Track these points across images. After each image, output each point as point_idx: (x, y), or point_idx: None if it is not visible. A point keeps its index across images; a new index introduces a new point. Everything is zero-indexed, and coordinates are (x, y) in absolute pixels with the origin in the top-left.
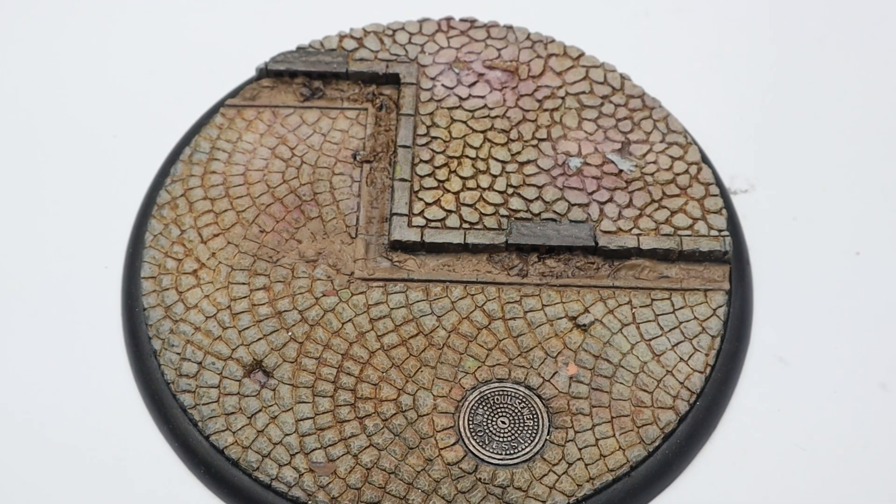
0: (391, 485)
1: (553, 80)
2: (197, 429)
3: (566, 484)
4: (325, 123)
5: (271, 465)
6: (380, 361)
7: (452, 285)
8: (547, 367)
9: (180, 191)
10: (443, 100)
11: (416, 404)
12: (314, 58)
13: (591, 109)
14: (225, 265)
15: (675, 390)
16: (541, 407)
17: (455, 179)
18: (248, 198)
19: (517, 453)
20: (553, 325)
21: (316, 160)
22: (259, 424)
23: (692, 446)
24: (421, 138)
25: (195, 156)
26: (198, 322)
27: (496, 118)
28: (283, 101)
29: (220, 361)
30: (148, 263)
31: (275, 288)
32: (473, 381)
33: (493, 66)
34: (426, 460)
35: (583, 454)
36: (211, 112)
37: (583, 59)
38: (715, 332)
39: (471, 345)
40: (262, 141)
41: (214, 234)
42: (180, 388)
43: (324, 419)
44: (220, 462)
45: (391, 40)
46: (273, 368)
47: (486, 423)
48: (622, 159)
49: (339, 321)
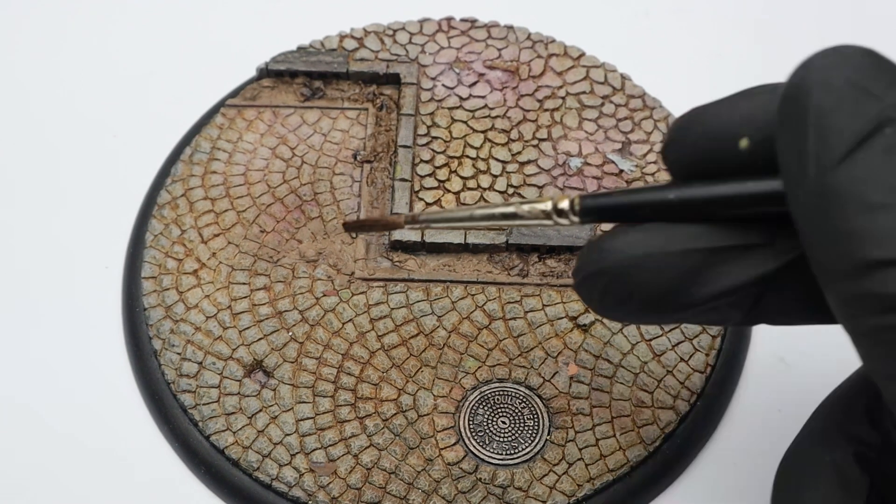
0: (391, 485)
1: (553, 80)
2: (197, 429)
3: (566, 484)
4: (325, 123)
5: (271, 465)
6: (380, 361)
7: (453, 285)
8: (547, 367)
9: (181, 191)
10: (443, 100)
11: (417, 404)
12: (314, 58)
13: (591, 109)
14: (225, 265)
15: (675, 390)
16: (541, 407)
17: (455, 179)
18: (249, 198)
19: (517, 453)
20: (553, 325)
21: (316, 160)
22: (259, 424)
23: (692, 446)
24: (421, 138)
25: (195, 156)
26: (198, 322)
27: (497, 118)
28: (283, 101)
29: (220, 361)
30: (148, 263)
31: (275, 288)
32: (474, 381)
33: (493, 66)
34: (426, 460)
35: (583, 454)
36: (211, 112)
37: (583, 59)
38: (715, 331)
39: (471, 345)
40: (263, 141)
41: (215, 234)
42: (180, 388)
43: (324, 419)
44: (220, 462)
45: (392, 40)
46: (273, 368)
47: (487, 423)
48: (623, 159)
49: (340, 321)
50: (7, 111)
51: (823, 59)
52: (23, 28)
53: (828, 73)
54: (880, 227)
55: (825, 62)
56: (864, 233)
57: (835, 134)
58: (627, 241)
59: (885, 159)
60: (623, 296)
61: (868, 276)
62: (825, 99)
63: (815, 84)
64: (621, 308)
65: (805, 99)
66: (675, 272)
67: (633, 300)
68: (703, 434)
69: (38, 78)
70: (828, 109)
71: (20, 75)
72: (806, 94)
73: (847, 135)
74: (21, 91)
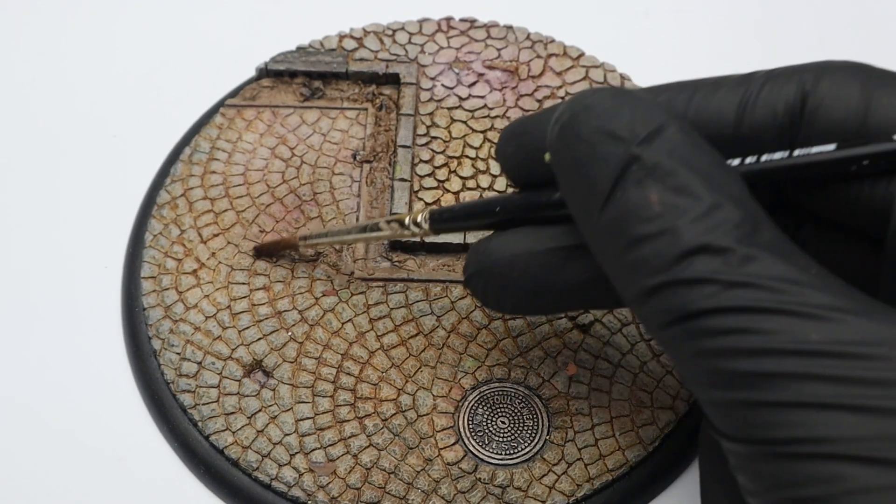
0: (391, 485)
1: (553, 80)
2: (197, 429)
3: (566, 484)
4: (324, 123)
5: (271, 464)
6: (379, 361)
7: (452, 285)
8: (546, 367)
9: (180, 191)
10: (443, 100)
11: (416, 404)
12: (314, 58)
13: None
14: (225, 265)
15: (674, 390)
16: (540, 407)
17: (455, 179)
18: (248, 198)
19: (517, 453)
20: (552, 325)
21: (316, 160)
22: (259, 424)
23: (691, 446)
24: (421, 138)
25: (195, 156)
26: (198, 322)
27: (496, 118)
28: (283, 101)
29: (219, 361)
30: (148, 263)
31: (274, 288)
32: (473, 381)
33: (492, 66)
34: (426, 460)
35: (582, 454)
36: (211, 112)
37: (583, 59)
38: None
39: (470, 345)
40: (262, 141)
41: (214, 233)
42: (180, 388)
43: (323, 419)
44: (219, 462)
45: (391, 40)
46: (273, 368)
47: (486, 423)
48: None
49: (339, 321)
50: (7, 111)
51: (572, 110)
52: (23, 28)
53: (577, 125)
54: (644, 257)
55: (574, 114)
56: (635, 264)
57: (591, 184)
58: (500, 244)
59: (638, 194)
60: (499, 291)
61: (646, 302)
62: (579, 150)
63: (569, 137)
64: (502, 301)
65: (564, 152)
66: (539, 268)
67: (510, 294)
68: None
69: (39, 78)
70: (584, 160)
71: (20, 75)
72: (564, 147)
73: (601, 182)
74: (21, 91)
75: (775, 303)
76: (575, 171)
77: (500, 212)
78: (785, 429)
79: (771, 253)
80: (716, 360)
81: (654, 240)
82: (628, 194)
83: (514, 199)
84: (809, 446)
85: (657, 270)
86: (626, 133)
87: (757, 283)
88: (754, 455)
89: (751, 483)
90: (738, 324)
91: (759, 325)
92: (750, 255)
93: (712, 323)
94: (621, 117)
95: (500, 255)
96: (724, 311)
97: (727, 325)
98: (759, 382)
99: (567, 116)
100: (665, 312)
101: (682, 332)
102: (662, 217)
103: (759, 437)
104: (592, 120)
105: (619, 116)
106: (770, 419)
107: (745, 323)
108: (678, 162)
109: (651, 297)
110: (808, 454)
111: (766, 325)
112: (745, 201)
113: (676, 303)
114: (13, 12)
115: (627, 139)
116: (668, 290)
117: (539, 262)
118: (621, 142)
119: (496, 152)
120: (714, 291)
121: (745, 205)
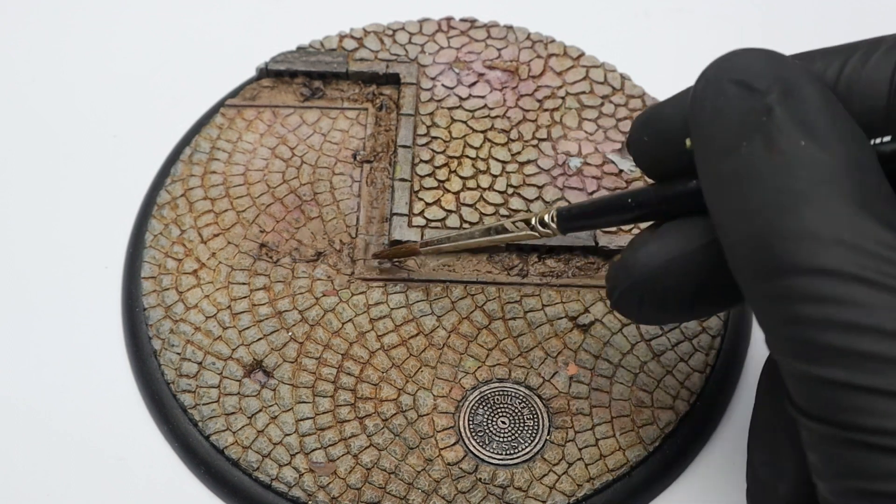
0: (391, 485)
1: (553, 80)
2: (197, 429)
3: (566, 484)
4: (325, 123)
5: (271, 465)
6: (380, 361)
7: (452, 285)
8: (547, 367)
9: (180, 191)
10: (443, 100)
11: (417, 404)
12: (314, 58)
13: (591, 109)
14: (225, 265)
15: (674, 390)
16: (541, 407)
17: (455, 179)
18: (249, 198)
19: (517, 453)
20: (553, 325)
21: (316, 160)
22: (259, 424)
23: (692, 446)
24: (421, 138)
25: (195, 156)
26: (198, 322)
27: (496, 118)
28: (283, 100)
29: (220, 361)
30: (148, 263)
31: (275, 288)
32: (473, 381)
33: (493, 66)
34: (426, 460)
35: (583, 454)
36: (211, 112)
37: (583, 59)
38: (715, 331)
39: (471, 345)
40: (263, 141)
41: (215, 233)
42: (180, 388)
43: (324, 419)
44: (220, 462)
45: (391, 40)
46: (273, 368)
47: (487, 423)
48: (622, 159)
49: (340, 321)
50: (7, 112)
51: (718, 64)
52: (23, 28)
53: (720, 77)
54: (754, 207)
55: (718, 68)
56: (744, 211)
57: (722, 132)
58: (648, 253)
59: (762, 147)
60: (659, 302)
61: (740, 250)
62: (718, 100)
63: (710, 89)
64: (662, 313)
65: (704, 103)
66: (698, 267)
67: (670, 303)
68: (702, 434)
69: (39, 78)
70: (720, 108)
71: (20, 75)
72: (705, 98)
73: (732, 130)
74: (21, 91)
75: (880, 275)
76: (710, 122)
77: (633, 206)
78: (873, 417)
79: (885, 225)
80: (806, 330)
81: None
82: (754, 145)
83: (647, 192)
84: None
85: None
86: (763, 86)
87: (863, 245)
88: (833, 438)
89: (821, 464)
90: (835, 292)
91: (860, 297)
92: (862, 221)
93: (808, 285)
94: (763, 73)
95: (654, 264)
96: (823, 274)
97: (824, 292)
98: (851, 362)
99: (713, 71)
100: (759, 263)
101: (774, 292)
102: (781, 170)
103: (843, 421)
104: (735, 73)
105: (761, 72)
106: (858, 404)
107: (844, 292)
108: (806, 120)
109: (746, 243)
110: (892, 448)
111: (868, 298)
112: (868, 170)
113: (772, 252)
114: (13, 12)
115: (763, 92)
116: (766, 238)
117: (697, 262)
118: (758, 94)
119: (628, 143)
120: (815, 248)
121: (867, 172)
